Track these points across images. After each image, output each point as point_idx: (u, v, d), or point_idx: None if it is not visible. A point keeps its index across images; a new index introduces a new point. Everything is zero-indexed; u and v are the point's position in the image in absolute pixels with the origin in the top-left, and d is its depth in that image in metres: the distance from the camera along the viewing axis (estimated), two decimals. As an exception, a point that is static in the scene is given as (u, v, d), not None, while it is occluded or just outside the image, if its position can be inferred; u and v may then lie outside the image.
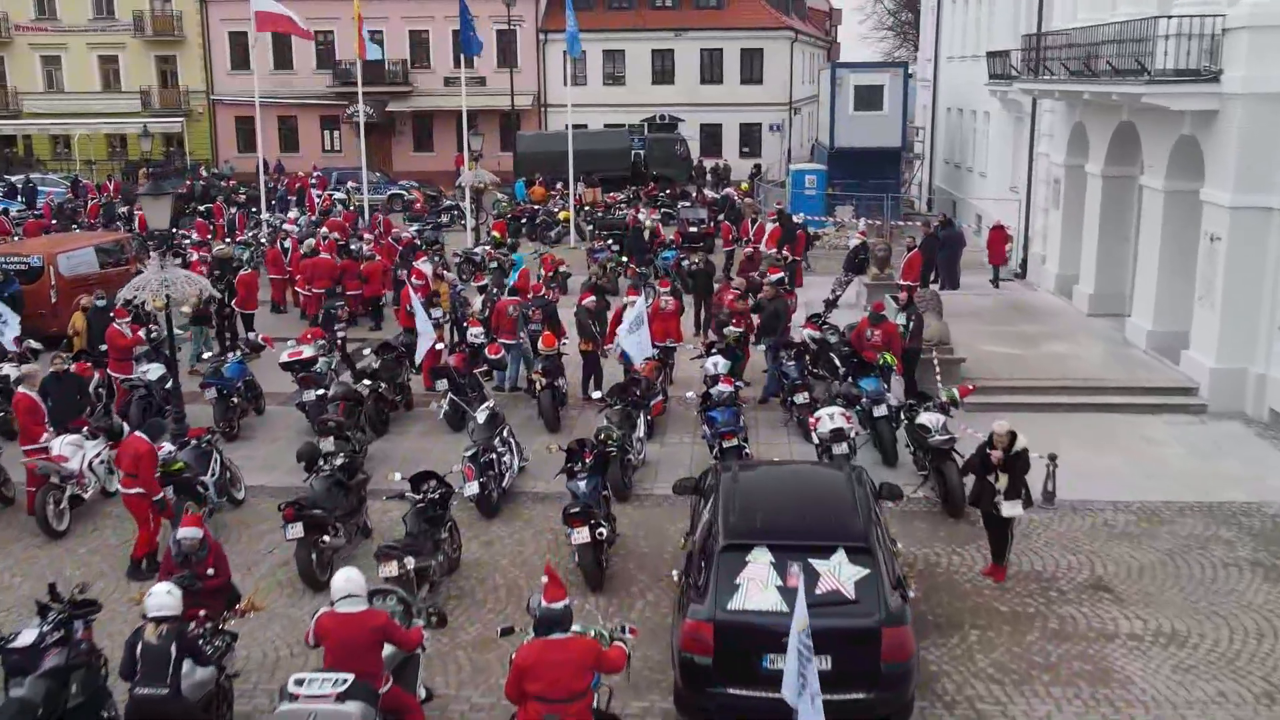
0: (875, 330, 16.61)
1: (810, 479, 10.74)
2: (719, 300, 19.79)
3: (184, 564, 9.76)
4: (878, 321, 16.73)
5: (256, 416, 17.50)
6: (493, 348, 16.88)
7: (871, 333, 16.60)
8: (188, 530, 9.87)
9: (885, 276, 24.32)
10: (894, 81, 36.04)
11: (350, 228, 32.07)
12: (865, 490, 10.08)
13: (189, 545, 9.78)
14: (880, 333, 16.54)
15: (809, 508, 9.74)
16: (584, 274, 28.49)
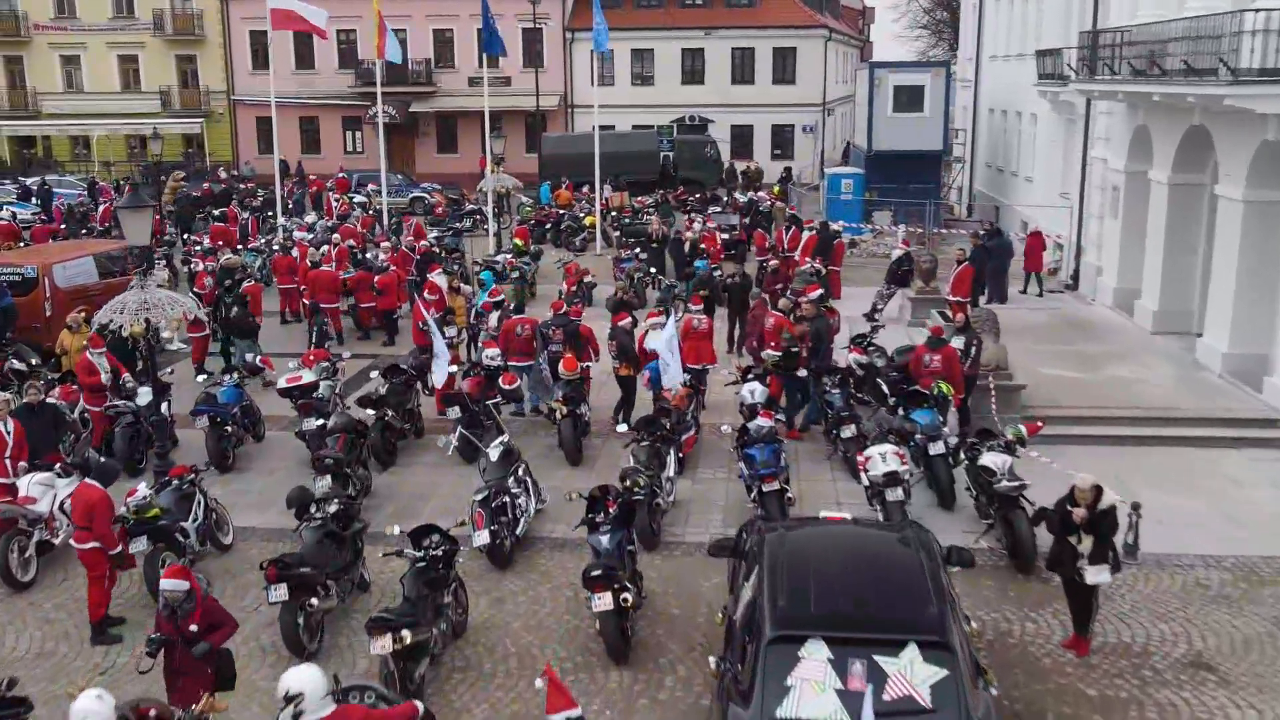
0: (934, 356, 15.08)
1: (871, 547, 9.24)
2: (754, 317, 18.31)
3: (170, 618, 8.66)
4: (937, 346, 15.19)
5: (255, 443, 16.21)
6: (507, 377, 15.40)
7: (930, 359, 15.07)
8: (171, 582, 8.73)
9: (931, 290, 22.77)
10: (935, 82, 34.43)
11: (367, 234, 30.85)
12: (936, 562, 8.62)
13: (173, 598, 8.65)
14: (940, 358, 15.02)
15: (872, 587, 8.27)
16: (609, 282, 27.32)
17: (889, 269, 24.13)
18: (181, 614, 8.65)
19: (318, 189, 41.74)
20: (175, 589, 8.66)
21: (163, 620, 8.78)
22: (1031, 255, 26.61)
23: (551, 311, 18.01)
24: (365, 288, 22.51)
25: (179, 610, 8.65)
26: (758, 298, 18.85)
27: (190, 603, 8.69)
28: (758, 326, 18.08)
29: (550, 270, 28.67)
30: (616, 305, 19.37)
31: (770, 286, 21.64)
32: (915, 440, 13.52)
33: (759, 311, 18.33)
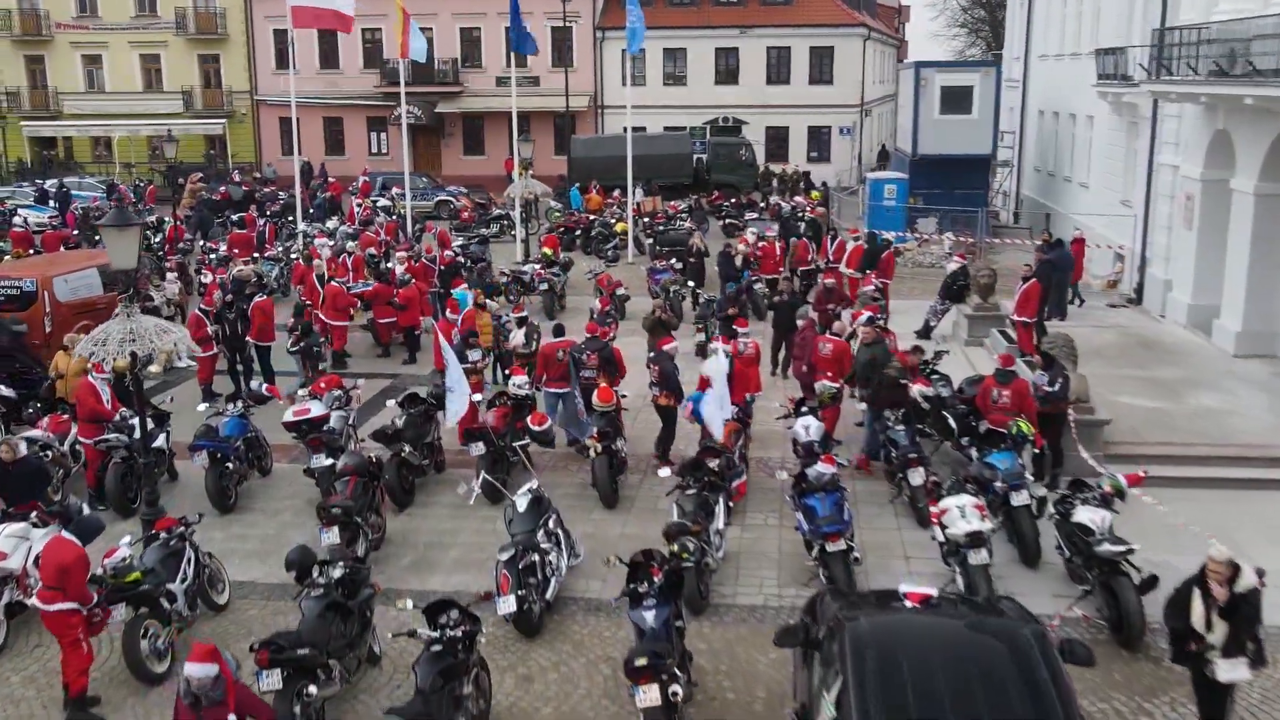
0: (1004, 390, 13.54)
1: (977, 642, 7.68)
2: (802, 341, 16.79)
3: (193, 707, 7.54)
4: (1006, 380, 13.65)
5: (261, 478, 14.86)
6: (537, 417, 13.86)
7: (999, 394, 13.54)
8: (199, 668, 7.56)
9: (990, 307, 21.25)
10: (985, 82, 32.75)
11: (391, 241, 29.54)
12: (1055, 663, 7.12)
13: (200, 686, 7.50)
14: (1010, 393, 13.49)
15: (985, 699, 6.77)
16: (642, 293, 25.85)
17: (943, 283, 22.54)
18: (208, 702, 7.43)
19: (336, 193, 40.42)
20: (204, 675, 7.49)
21: (184, 710, 7.58)
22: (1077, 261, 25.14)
23: (586, 334, 16.52)
24: (384, 301, 21.16)
25: (205, 699, 7.46)
26: (806, 318, 17.27)
27: (219, 691, 7.49)
28: (807, 351, 16.61)
29: (580, 281, 27.27)
30: (654, 325, 17.86)
31: (821, 306, 20.08)
32: (995, 488, 11.97)
33: (807, 334, 16.83)
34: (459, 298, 19.27)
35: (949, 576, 11.34)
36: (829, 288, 20.60)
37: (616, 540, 12.82)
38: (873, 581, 11.58)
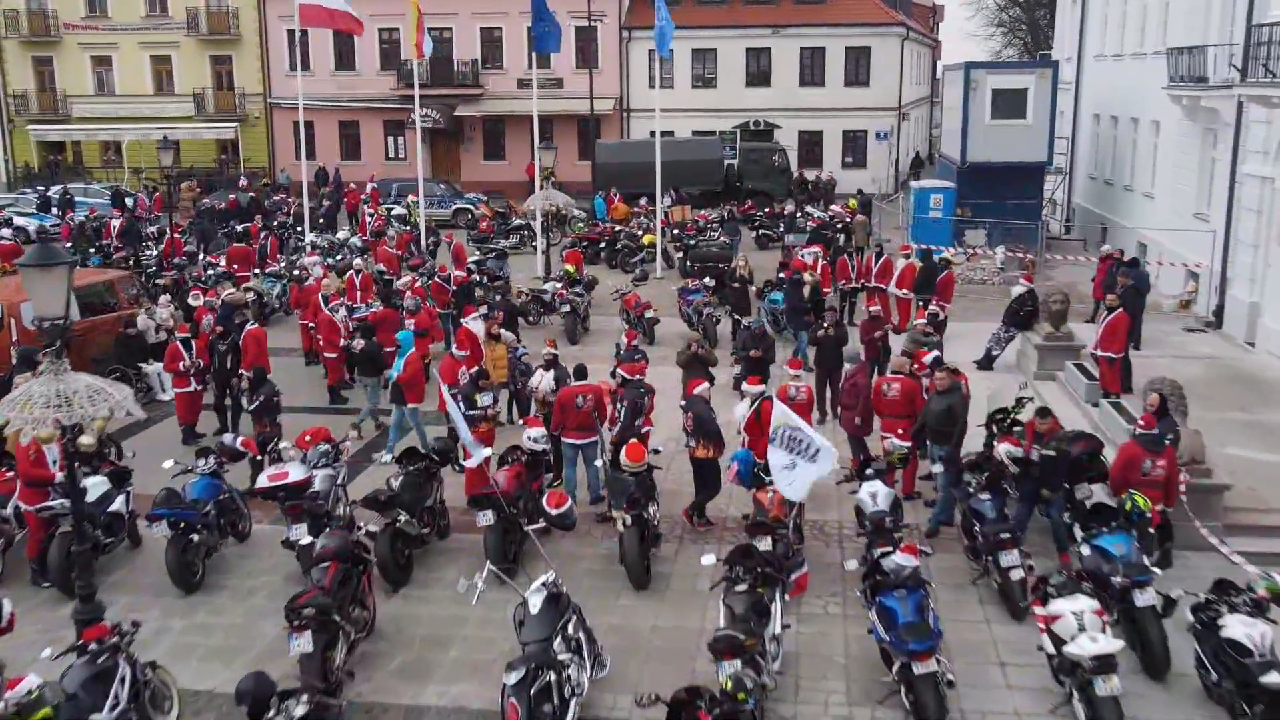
0: (1157, 461, 11.26)
1: None
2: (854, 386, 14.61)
3: None
4: (1157, 447, 11.32)
5: (238, 543, 12.86)
6: (554, 497, 11.55)
7: (1150, 465, 11.27)
8: None
9: (1063, 336, 18.99)
10: (1040, 84, 30.47)
11: (404, 255, 27.54)
12: None
13: None
14: (1165, 464, 11.26)
15: None
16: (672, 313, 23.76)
17: (1008, 308, 20.30)
18: None
19: (354, 201, 38.48)
20: None
21: None
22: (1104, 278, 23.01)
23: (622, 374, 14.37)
24: (390, 328, 19.12)
25: None
26: (857, 360, 15.06)
27: None
28: (860, 400, 14.45)
29: (604, 299, 25.18)
30: (689, 362, 15.75)
31: (866, 336, 17.88)
32: (1115, 582, 9.77)
33: (859, 381, 14.64)
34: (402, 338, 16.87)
35: (1060, 696, 9.20)
36: (874, 316, 18.27)
37: (648, 635, 10.75)
38: (966, 701, 9.44)
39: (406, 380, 15.54)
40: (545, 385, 14.58)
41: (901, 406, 13.68)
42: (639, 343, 17.32)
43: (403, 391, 15.56)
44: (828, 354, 16.93)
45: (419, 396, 15.74)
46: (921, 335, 16.38)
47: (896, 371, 14.19)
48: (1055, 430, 11.29)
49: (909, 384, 13.85)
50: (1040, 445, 11.12)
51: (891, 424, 13.57)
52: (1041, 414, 11.24)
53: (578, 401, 13.69)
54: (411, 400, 15.62)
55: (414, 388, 15.66)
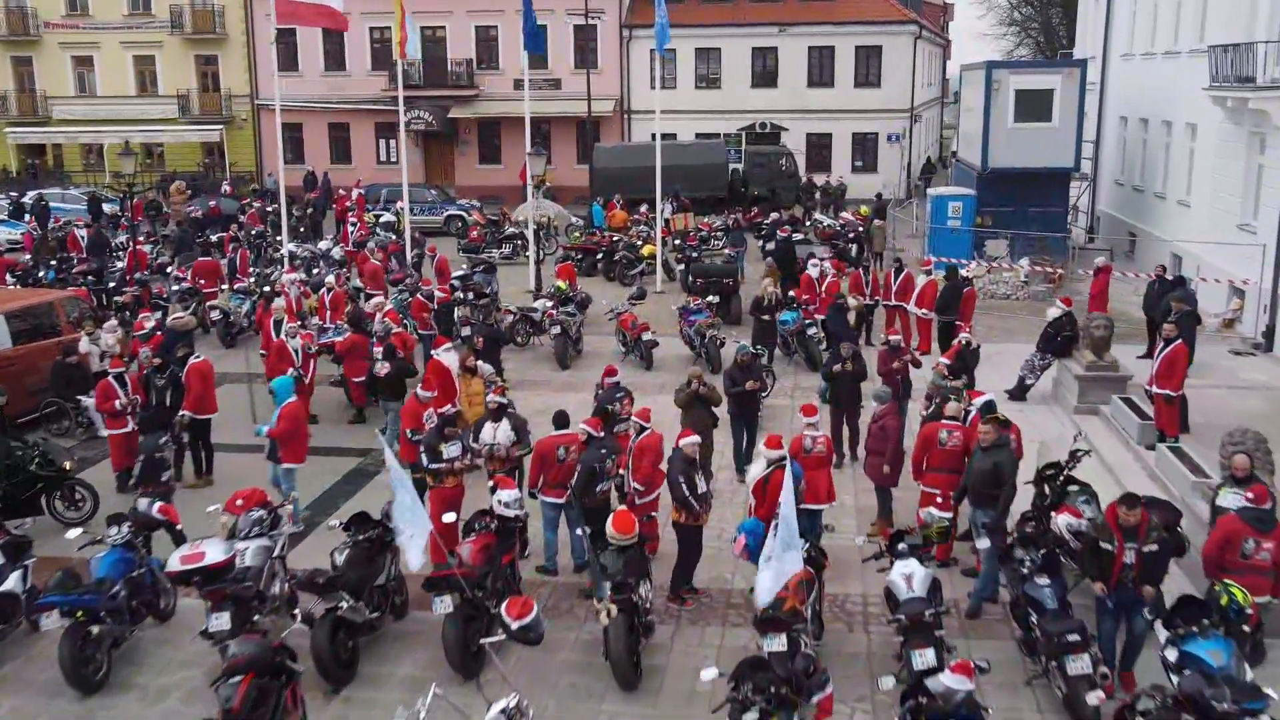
0: (1263, 542, 9.32)
1: None
2: (883, 430, 12.70)
3: None
4: (1266, 526, 9.39)
5: (156, 625, 10.95)
6: (515, 606, 8.80)
7: (1254, 545, 9.31)
8: None
9: (1107, 365, 17.06)
10: (1067, 85, 28.48)
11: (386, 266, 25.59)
12: None
13: None
14: (1271, 546, 9.30)
15: None
16: (671, 332, 21.86)
17: (1043, 333, 18.34)
18: None
19: (342, 208, 36.55)
20: None
21: None
22: (1099, 296, 21.74)
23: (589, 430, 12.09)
24: (359, 355, 17.22)
25: None
26: (886, 400, 13.12)
27: None
28: (890, 447, 12.55)
29: (598, 317, 23.29)
30: (689, 402, 13.82)
31: (884, 367, 15.88)
32: (1219, 712, 7.81)
33: (889, 424, 12.72)
34: (277, 388, 13.82)
35: None
36: (894, 345, 16.15)
37: None
38: None
39: (282, 435, 13.06)
40: (502, 438, 12.40)
41: (956, 460, 11.71)
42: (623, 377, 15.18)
43: (277, 448, 13.20)
44: (844, 390, 14.99)
45: (297, 455, 13.26)
46: (940, 379, 14.31)
47: (952, 417, 12.18)
48: (1146, 521, 9.16)
49: (972, 435, 11.84)
50: (1134, 541, 9.09)
51: (937, 479, 11.67)
52: (1128, 503, 9.09)
53: (559, 454, 11.80)
54: (288, 459, 13.16)
55: (291, 444, 13.19)
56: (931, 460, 12.06)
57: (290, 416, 13.10)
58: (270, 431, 13.08)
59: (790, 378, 19.67)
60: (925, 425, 12.76)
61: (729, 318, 23.53)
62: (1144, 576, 9.09)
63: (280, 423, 13.05)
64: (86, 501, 13.58)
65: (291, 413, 13.15)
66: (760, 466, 11.14)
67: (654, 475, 11.66)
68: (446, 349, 15.11)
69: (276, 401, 13.39)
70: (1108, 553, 9.09)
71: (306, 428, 13.59)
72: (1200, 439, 14.91)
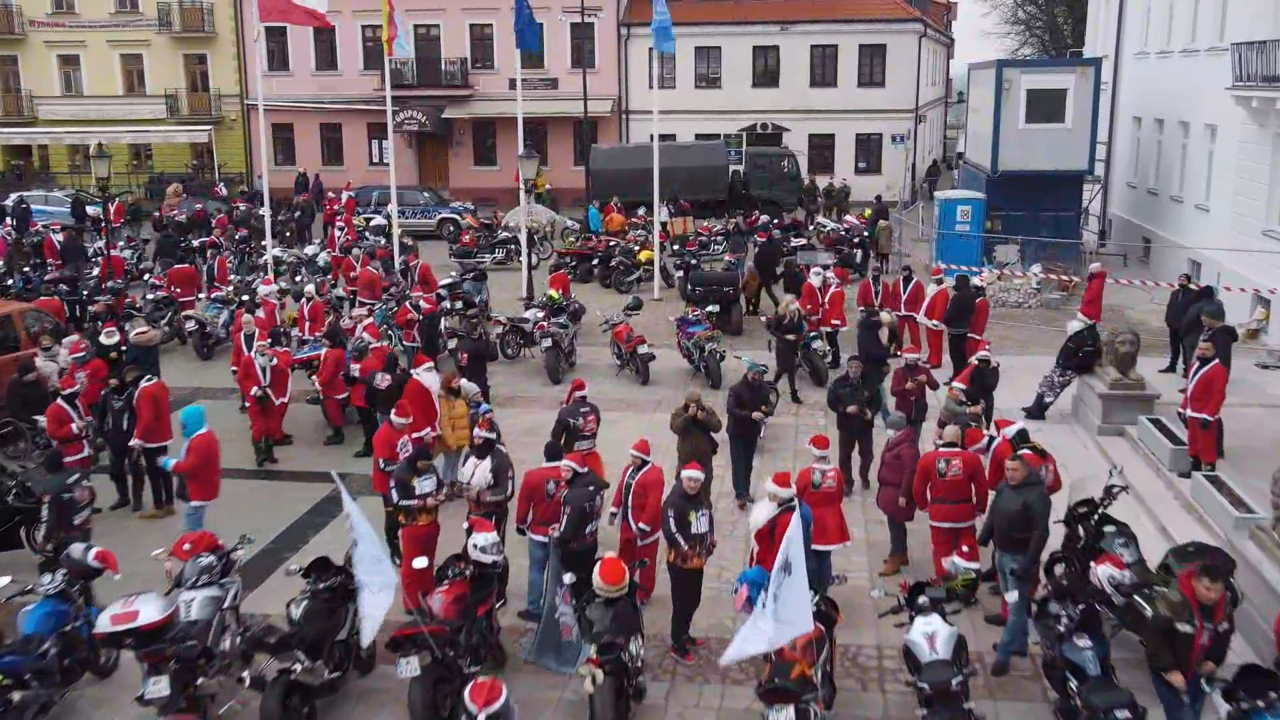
0: None
1: None
2: (898, 459, 11.65)
3: None
4: None
5: (98, 681, 9.90)
6: (480, 691, 7.72)
7: None
8: None
9: (1133, 383, 16.00)
10: (1081, 84, 27.41)
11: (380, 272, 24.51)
12: None
13: None
14: None
15: None
16: (668, 342, 20.83)
17: (1063, 348, 17.28)
18: None
19: (332, 211, 35.48)
20: None
21: None
22: (1093, 302, 20.72)
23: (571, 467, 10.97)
24: (335, 369, 16.16)
25: None
26: (901, 426, 12.06)
27: None
28: (905, 478, 11.50)
29: (593, 328, 22.26)
30: (686, 428, 12.76)
31: (897, 387, 14.82)
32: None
33: (904, 453, 11.67)
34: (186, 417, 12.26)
35: None
36: (910, 364, 15.00)
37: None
38: None
39: (189, 470, 11.83)
40: (480, 479, 11.24)
41: (959, 490, 10.74)
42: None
43: (185, 485, 12.03)
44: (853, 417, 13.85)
45: (207, 490, 12.00)
46: (955, 405, 13.23)
47: (950, 444, 11.19)
48: (1224, 599, 7.95)
49: (973, 460, 10.90)
50: (1212, 621, 7.93)
51: (940, 512, 10.66)
52: (1210, 574, 7.84)
53: (548, 488, 10.75)
54: (197, 496, 11.96)
55: (201, 479, 11.93)
56: (933, 491, 11.14)
57: (199, 449, 11.83)
58: (177, 465, 11.88)
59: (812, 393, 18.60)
60: (924, 455, 11.75)
61: (730, 328, 22.51)
62: (1209, 654, 8.01)
63: (188, 456, 11.80)
64: None
65: (201, 445, 11.86)
66: (766, 510, 10.08)
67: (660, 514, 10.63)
68: (427, 369, 14.01)
69: (185, 433, 11.99)
70: (1185, 636, 7.94)
71: (218, 461, 12.24)
72: (1237, 465, 13.88)
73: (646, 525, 10.66)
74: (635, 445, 11.13)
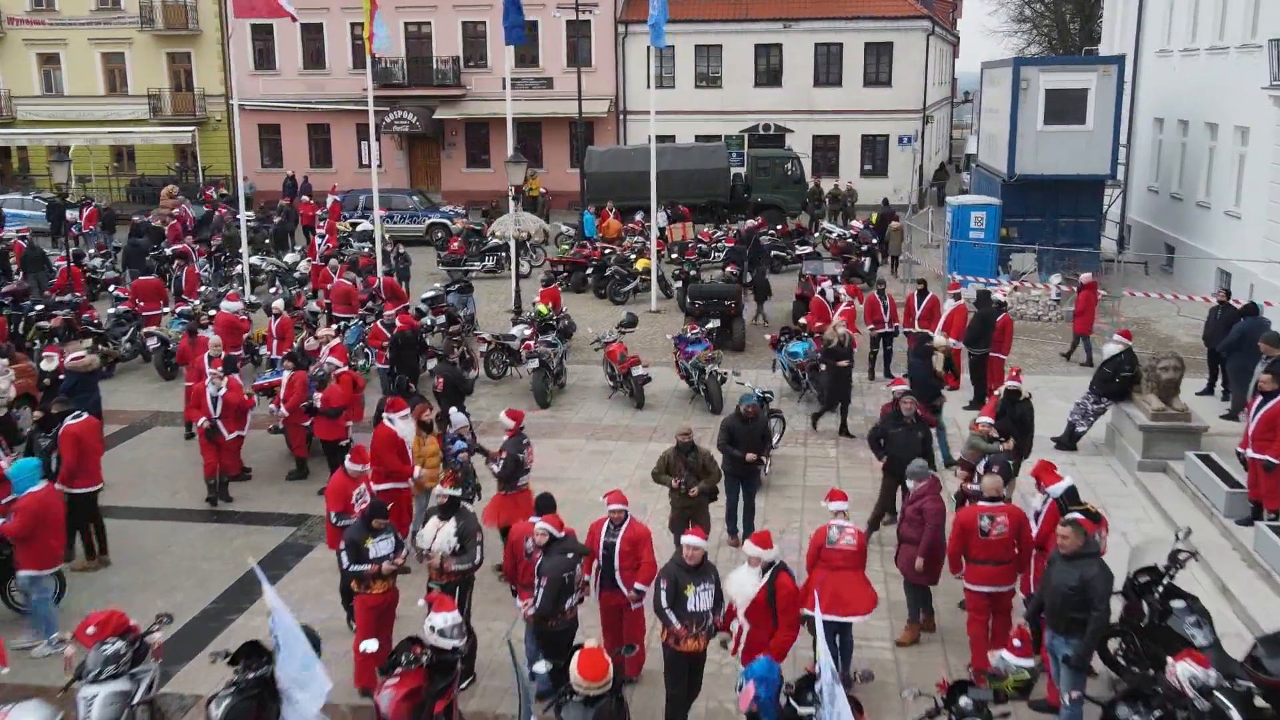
0: None
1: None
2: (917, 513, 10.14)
3: None
4: None
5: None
6: None
7: None
8: None
9: (1178, 414, 14.50)
10: (1103, 83, 25.89)
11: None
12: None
13: None
14: None
15: None
16: (665, 361, 19.36)
17: (1097, 372, 15.77)
18: None
19: (309, 215, 33.96)
20: None
21: None
22: (1084, 314, 20.09)
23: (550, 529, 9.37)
24: (300, 401, 14.65)
25: None
26: (924, 476, 10.51)
27: None
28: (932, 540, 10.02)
29: (584, 346, 20.79)
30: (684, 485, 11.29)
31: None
32: None
33: (927, 507, 10.16)
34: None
35: None
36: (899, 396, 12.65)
37: None
38: None
39: (16, 534, 10.09)
40: (442, 544, 9.62)
41: (1004, 550, 9.31)
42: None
43: (13, 552, 10.33)
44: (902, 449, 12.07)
45: (41, 559, 10.21)
46: (985, 442, 11.73)
47: (994, 498, 9.70)
48: None
49: (1018, 515, 9.46)
50: None
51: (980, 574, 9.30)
52: None
53: (526, 546, 9.27)
54: (28, 565, 10.20)
55: (32, 546, 10.15)
56: (972, 552, 9.67)
57: (28, 510, 10.03)
58: (3, 528, 10.15)
59: (802, 418, 17.12)
60: (961, 510, 10.26)
61: (731, 343, 21.05)
62: None
63: (16, 517, 10.03)
64: None
65: (30, 505, 10.05)
66: (750, 579, 8.56)
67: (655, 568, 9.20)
68: (403, 415, 12.27)
69: (15, 489, 10.28)
70: None
71: (59, 524, 10.50)
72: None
73: (645, 585, 9.24)
74: (610, 497, 9.64)
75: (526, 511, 10.27)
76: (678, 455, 11.55)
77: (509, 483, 11.60)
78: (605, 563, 9.41)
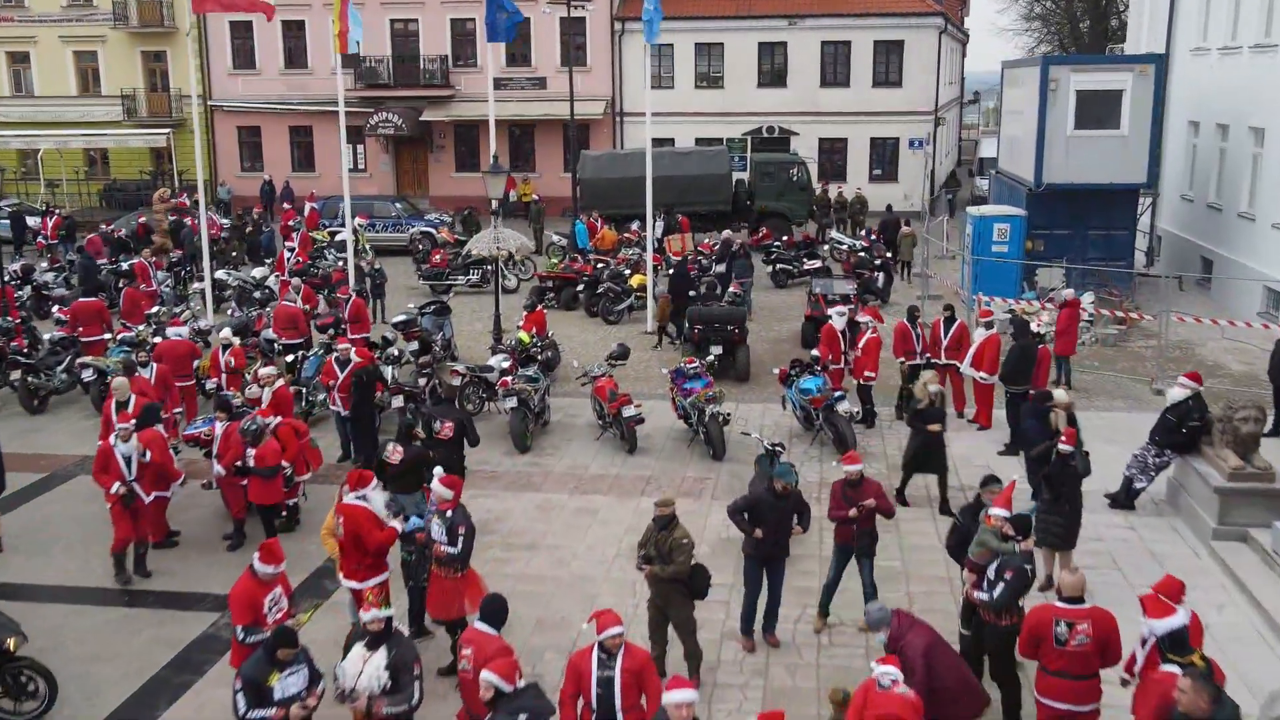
0: None
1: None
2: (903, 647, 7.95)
3: None
4: None
5: None
6: None
7: None
8: None
9: (1262, 473, 12.38)
10: (1139, 84, 23.76)
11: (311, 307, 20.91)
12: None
13: None
14: None
15: None
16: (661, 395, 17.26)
17: (1160, 421, 13.61)
18: None
19: (286, 222, 31.88)
20: None
21: None
22: (1065, 334, 18.23)
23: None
24: (235, 456, 12.52)
25: None
26: (882, 624, 8.23)
27: None
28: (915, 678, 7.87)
29: (569, 377, 18.67)
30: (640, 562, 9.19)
31: (838, 512, 10.40)
32: None
33: (913, 643, 7.94)
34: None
35: None
36: (853, 481, 10.42)
37: None
38: None
39: None
40: (369, 681, 7.43)
41: (1090, 663, 7.58)
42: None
43: None
44: None
45: None
46: (998, 540, 9.31)
47: (1072, 600, 7.69)
48: None
49: (1106, 622, 7.57)
50: None
51: (1062, 689, 7.57)
52: None
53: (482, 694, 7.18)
54: None
55: None
56: (1047, 662, 7.83)
57: None
58: None
59: (814, 468, 14.99)
60: (1036, 608, 8.18)
61: (735, 373, 18.95)
62: None
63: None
64: (38, 687, 9.36)
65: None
66: None
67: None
68: (374, 487, 10.06)
69: None
70: None
71: None
72: None
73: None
74: (601, 619, 7.51)
75: (474, 599, 8.55)
76: (655, 530, 9.49)
77: (465, 563, 9.59)
78: (603, 705, 7.33)
